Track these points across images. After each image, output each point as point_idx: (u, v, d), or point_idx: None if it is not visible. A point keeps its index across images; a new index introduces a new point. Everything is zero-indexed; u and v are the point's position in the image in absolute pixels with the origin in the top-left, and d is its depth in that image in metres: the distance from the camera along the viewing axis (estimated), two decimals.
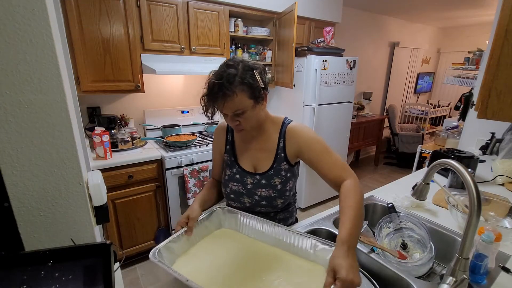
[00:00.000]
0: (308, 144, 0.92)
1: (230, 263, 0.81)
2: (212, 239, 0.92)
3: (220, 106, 0.84)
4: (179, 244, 0.84)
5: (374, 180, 3.96)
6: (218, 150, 1.09)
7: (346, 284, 0.57)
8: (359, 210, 0.74)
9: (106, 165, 1.82)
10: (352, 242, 0.66)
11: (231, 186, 1.02)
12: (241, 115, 0.86)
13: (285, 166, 0.97)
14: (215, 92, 0.81)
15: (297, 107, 2.84)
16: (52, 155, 0.71)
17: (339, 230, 0.70)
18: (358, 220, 0.72)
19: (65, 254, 0.60)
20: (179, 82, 2.60)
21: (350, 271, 0.58)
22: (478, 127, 2.22)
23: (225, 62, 0.86)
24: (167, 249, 0.80)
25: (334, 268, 0.61)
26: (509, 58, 1.02)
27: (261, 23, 2.84)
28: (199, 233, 0.91)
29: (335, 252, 0.65)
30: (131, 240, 2.07)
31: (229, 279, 0.75)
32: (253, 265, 0.80)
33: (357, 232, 0.70)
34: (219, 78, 0.81)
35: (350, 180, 0.83)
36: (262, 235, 0.90)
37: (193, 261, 0.82)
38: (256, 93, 0.85)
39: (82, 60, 1.82)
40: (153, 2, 1.99)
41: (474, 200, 0.66)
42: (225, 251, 0.87)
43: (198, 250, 0.86)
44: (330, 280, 0.60)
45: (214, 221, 0.97)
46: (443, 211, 1.27)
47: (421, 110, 4.96)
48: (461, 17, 4.52)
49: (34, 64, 0.64)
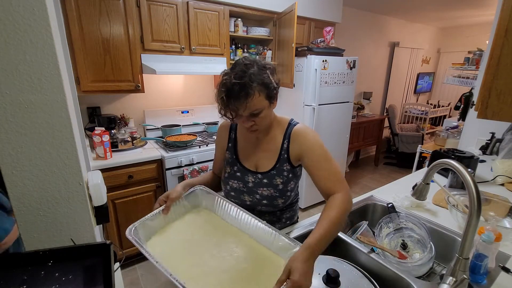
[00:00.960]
0: (310, 148, 0.92)
1: (199, 242, 0.84)
2: (188, 218, 0.95)
3: (242, 106, 0.82)
4: (155, 222, 0.86)
5: (374, 180, 3.96)
6: (220, 147, 1.09)
7: (295, 286, 0.59)
8: (336, 224, 0.75)
9: (106, 165, 1.82)
10: (316, 250, 0.67)
11: (232, 183, 1.03)
12: (258, 115, 0.86)
13: (287, 167, 0.97)
14: (236, 92, 0.80)
15: (297, 107, 2.84)
16: (52, 155, 0.71)
17: (310, 235, 0.71)
18: (331, 232, 0.73)
19: (65, 254, 0.61)
20: (179, 82, 2.60)
21: (303, 276, 0.60)
22: (478, 127, 2.22)
23: (243, 62, 0.85)
24: (143, 226, 0.82)
25: (290, 268, 0.62)
26: (509, 58, 1.02)
27: (261, 23, 2.84)
28: (177, 211, 0.93)
29: (297, 254, 0.66)
30: None
31: (196, 258, 0.78)
32: (220, 245, 0.83)
33: (325, 242, 0.71)
34: (240, 78, 0.80)
35: (340, 194, 0.83)
36: (234, 220, 0.91)
37: (166, 239, 0.85)
38: (271, 93, 0.86)
39: (82, 60, 1.82)
40: (153, 2, 1.99)
41: (474, 200, 0.66)
42: (197, 229, 0.90)
43: (173, 229, 0.89)
44: (284, 278, 0.61)
45: (192, 201, 0.98)
46: (443, 211, 1.27)
47: (421, 110, 4.96)
48: (461, 17, 4.53)
49: (34, 64, 0.64)
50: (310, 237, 0.71)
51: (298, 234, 1.04)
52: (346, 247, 1.01)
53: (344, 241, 1.02)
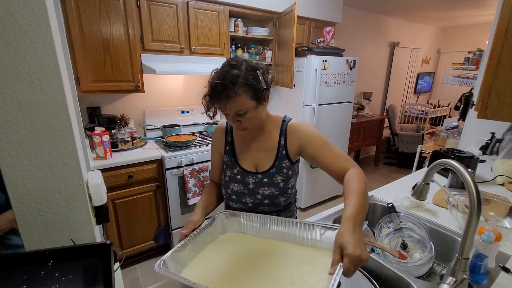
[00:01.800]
0: (309, 139, 0.93)
1: (237, 265, 0.78)
2: (217, 245, 0.89)
3: (222, 107, 0.84)
4: (184, 254, 0.80)
5: (374, 180, 3.96)
6: (217, 151, 1.08)
7: (353, 259, 0.55)
8: (364, 194, 0.74)
9: (106, 165, 1.82)
10: (358, 219, 0.65)
11: (232, 187, 1.02)
12: (243, 115, 0.86)
13: (286, 164, 0.97)
14: (218, 92, 0.81)
15: (297, 107, 2.84)
16: (52, 155, 0.71)
17: (344, 210, 0.69)
18: (363, 202, 0.71)
19: (65, 254, 0.60)
20: (179, 82, 2.60)
21: (357, 246, 0.57)
22: (478, 127, 2.22)
23: (228, 61, 0.85)
24: (172, 259, 0.75)
25: (341, 244, 0.59)
26: (509, 58, 1.02)
27: (261, 23, 2.84)
28: (204, 241, 0.87)
29: (341, 229, 0.63)
30: (131, 240, 2.07)
31: (238, 280, 0.72)
32: (261, 263, 0.78)
33: (363, 212, 0.69)
34: (222, 79, 0.80)
35: (354, 169, 0.85)
36: (267, 232, 0.89)
37: (200, 268, 0.78)
38: (258, 94, 0.85)
39: (82, 60, 1.82)
40: (153, 2, 1.99)
41: (474, 200, 0.66)
42: (232, 254, 0.84)
43: (204, 258, 0.83)
44: (338, 258, 0.58)
45: (217, 227, 0.94)
46: (443, 211, 1.27)
47: (421, 110, 4.96)
48: (461, 17, 4.52)
49: (34, 64, 0.64)
50: (345, 211, 0.68)
51: None
52: None
53: None
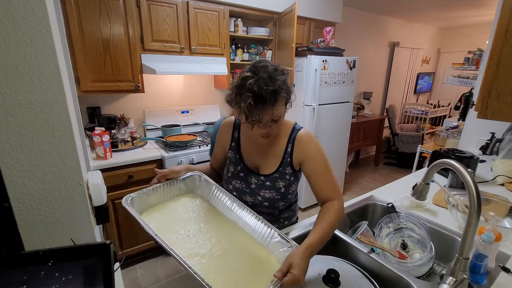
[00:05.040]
0: (314, 156, 0.94)
1: (190, 227, 0.84)
2: (181, 201, 0.95)
3: (267, 113, 0.80)
4: (151, 198, 0.88)
5: (374, 180, 3.96)
6: (221, 144, 1.08)
7: (295, 280, 0.64)
8: (332, 228, 0.81)
9: (106, 165, 1.82)
10: (315, 250, 0.73)
11: (234, 183, 1.02)
12: (277, 121, 0.85)
13: (289, 171, 0.97)
14: (264, 99, 0.77)
15: (297, 107, 2.84)
16: (52, 155, 0.71)
17: (310, 234, 0.76)
18: (328, 235, 0.79)
19: (65, 254, 0.60)
20: (179, 82, 2.60)
21: (302, 272, 0.66)
22: (478, 127, 2.22)
23: (263, 65, 0.82)
24: (139, 199, 0.84)
25: (291, 263, 0.66)
26: (509, 58, 1.02)
27: (261, 23, 2.84)
28: (172, 192, 0.94)
29: (299, 250, 0.70)
30: (131, 240, 2.06)
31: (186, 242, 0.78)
32: (211, 229, 0.84)
33: (322, 244, 0.76)
34: (270, 84, 0.77)
35: (337, 202, 0.89)
36: (229, 212, 0.92)
37: (158, 217, 0.85)
38: (288, 99, 0.86)
39: (82, 60, 1.82)
40: (153, 2, 1.99)
41: (474, 200, 0.66)
42: (192, 213, 0.90)
43: (168, 207, 0.90)
44: (285, 269, 0.65)
45: (188, 185, 0.99)
46: (443, 211, 1.27)
47: (421, 110, 4.96)
48: (461, 17, 4.52)
49: (34, 64, 0.64)
50: (310, 237, 0.75)
51: (298, 235, 1.04)
52: (346, 247, 1.01)
53: (344, 241, 1.02)
